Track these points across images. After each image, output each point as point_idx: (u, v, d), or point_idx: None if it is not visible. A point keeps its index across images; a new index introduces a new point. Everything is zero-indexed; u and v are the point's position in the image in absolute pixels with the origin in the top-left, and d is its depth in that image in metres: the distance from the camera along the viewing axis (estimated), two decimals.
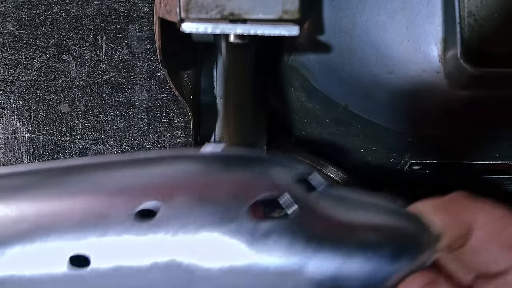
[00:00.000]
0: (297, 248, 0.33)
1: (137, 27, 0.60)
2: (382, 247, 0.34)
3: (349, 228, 0.34)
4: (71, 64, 0.60)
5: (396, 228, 0.35)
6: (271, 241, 0.33)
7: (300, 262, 0.33)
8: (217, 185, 0.34)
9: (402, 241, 0.35)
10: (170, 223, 0.33)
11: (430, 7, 0.42)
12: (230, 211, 0.33)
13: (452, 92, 0.42)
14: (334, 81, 0.47)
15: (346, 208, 0.35)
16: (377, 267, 0.34)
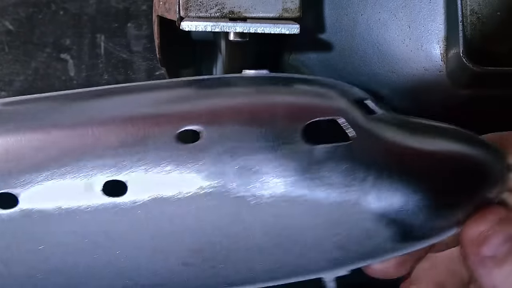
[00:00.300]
0: (356, 177, 0.30)
1: (135, 26, 0.60)
2: (452, 178, 0.31)
3: (415, 155, 0.31)
4: (69, 63, 0.60)
5: (467, 157, 0.32)
6: (327, 169, 0.30)
7: (359, 193, 0.30)
8: (268, 106, 0.31)
9: (474, 172, 0.31)
10: (215, 146, 0.30)
11: (432, 5, 0.42)
12: (283, 133, 0.30)
13: (454, 90, 0.42)
14: None
15: (411, 133, 0.32)
16: (444, 200, 0.31)
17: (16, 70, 0.59)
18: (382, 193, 0.30)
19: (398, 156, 0.31)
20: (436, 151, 0.31)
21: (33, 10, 0.60)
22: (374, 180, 0.30)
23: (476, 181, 0.31)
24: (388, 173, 0.30)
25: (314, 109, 0.31)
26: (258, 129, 0.30)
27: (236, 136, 0.30)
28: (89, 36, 0.60)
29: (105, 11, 0.60)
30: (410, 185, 0.30)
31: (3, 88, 0.59)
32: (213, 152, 0.30)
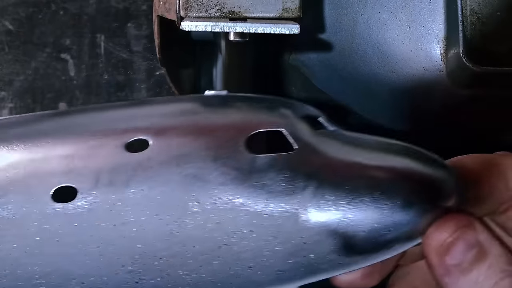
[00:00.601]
0: (297, 186, 0.30)
1: (135, 26, 0.60)
2: (393, 190, 0.30)
3: (357, 168, 0.31)
4: (69, 63, 0.60)
5: (412, 171, 0.31)
6: (269, 177, 0.30)
7: (300, 202, 0.30)
8: (214, 119, 0.32)
9: (418, 185, 0.31)
10: (161, 154, 0.31)
11: (432, 5, 0.42)
12: (226, 143, 0.31)
13: (454, 90, 0.42)
14: (335, 80, 0.47)
15: (356, 149, 0.32)
16: (388, 213, 0.30)
17: (16, 70, 0.59)
18: (322, 204, 0.30)
19: (339, 169, 0.31)
20: (380, 166, 0.31)
21: (33, 10, 0.60)
22: (314, 190, 0.30)
23: (421, 194, 0.31)
24: (329, 184, 0.30)
25: (258, 121, 0.32)
26: (202, 139, 0.31)
27: (181, 146, 0.31)
28: (89, 36, 0.60)
29: (105, 11, 0.60)
30: (351, 197, 0.30)
31: (3, 88, 0.59)
32: (159, 160, 0.31)
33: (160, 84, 0.59)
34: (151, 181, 0.31)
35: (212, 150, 0.31)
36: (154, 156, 0.31)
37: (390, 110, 0.46)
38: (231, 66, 0.51)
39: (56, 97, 0.59)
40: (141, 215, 0.31)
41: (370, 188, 0.30)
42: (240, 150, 0.31)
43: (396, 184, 0.31)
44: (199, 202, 0.31)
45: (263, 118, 0.33)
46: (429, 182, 0.31)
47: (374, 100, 0.46)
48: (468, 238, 0.30)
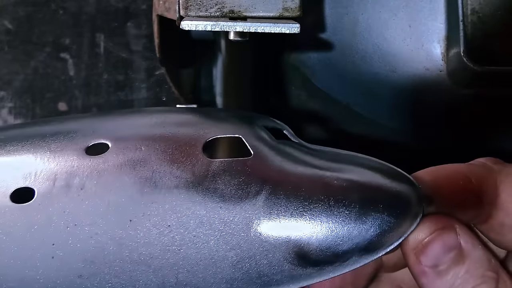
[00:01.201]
0: (250, 191, 0.30)
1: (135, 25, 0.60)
2: (348, 198, 0.29)
3: (312, 176, 0.31)
4: (69, 62, 0.60)
5: (371, 181, 0.31)
6: (223, 181, 0.30)
7: (251, 208, 0.30)
8: (175, 125, 0.33)
9: (375, 194, 0.30)
10: (118, 158, 0.31)
11: (433, 4, 0.42)
12: (182, 147, 0.31)
13: (455, 90, 0.42)
14: (335, 80, 0.47)
15: (315, 158, 0.32)
16: (342, 222, 0.29)
17: (15, 69, 0.59)
18: (275, 210, 0.30)
19: (294, 176, 0.31)
20: (337, 175, 0.31)
21: (32, 10, 0.60)
22: (267, 196, 0.30)
23: (377, 204, 0.30)
24: (283, 191, 0.30)
25: (217, 128, 0.33)
26: (160, 143, 0.32)
27: (139, 149, 0.31)
28: (88, 36, 0.60)
29: (104, 10, 0.60)
30: (303, 206, 0.30)
31: (3, 88, 0.59)
32: (115, 163, 0.31)
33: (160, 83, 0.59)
34: (105, 184, 0.31)
35: (168, 153, 0.31)
36: (111, 159, 0.31)
37: (391, 110, 0.46)
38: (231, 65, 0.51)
39: (56, 97, 0.59)
40: (93, 217, 0.30)
41: (324, 195, 0.30)
42: (196, 154, 0.31)
43: (352, 192, 0.30)
44: (151, 204, 0.30)
45: (223, 125, 0.33)
46: (388, 192, 0.30)
47: (375, 100, 0.46)
48: (447, 240, 0.30)
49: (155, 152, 0.31)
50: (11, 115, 0.59)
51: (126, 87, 0.59)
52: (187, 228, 0.30)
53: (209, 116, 0.34)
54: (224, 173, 0.31)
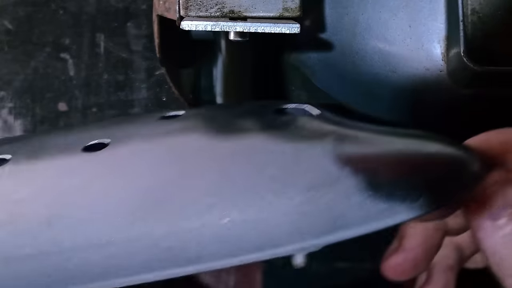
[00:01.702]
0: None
1: (135, 25, 0.60)
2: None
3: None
4: (69, 63, 0.60)
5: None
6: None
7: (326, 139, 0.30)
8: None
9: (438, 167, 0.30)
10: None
11: (433, 4, 0.42)
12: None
13: (455, 90, 0.42)
14: (335, 80, 0.47)
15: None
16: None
17: (15, 69, 0.59)
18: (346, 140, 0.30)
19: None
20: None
21: (32, 9, 0.60)
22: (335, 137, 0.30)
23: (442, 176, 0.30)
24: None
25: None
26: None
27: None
28: (88, 36, 0.60)
29: (105, 10, 0.60)
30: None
31: (3, 88, 0.59)
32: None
33: (160, 83, 0.59)
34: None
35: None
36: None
37: (391, 110, 0.46)
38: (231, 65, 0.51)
39: (56, 97, 0.59)
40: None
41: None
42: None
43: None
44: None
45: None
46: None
47: (375, 100, 0.46)
48: (507, 194, 0.29)
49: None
50: (11, 115, 0.59)
51: (126, 87, 0.59)
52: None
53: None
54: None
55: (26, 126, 0.59)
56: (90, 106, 0.59)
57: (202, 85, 0.58)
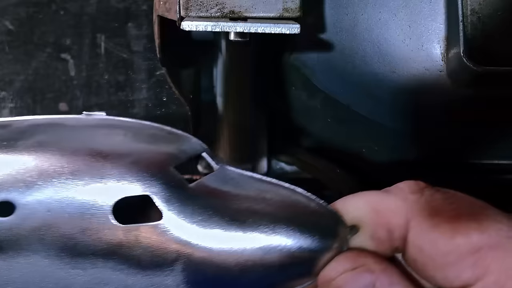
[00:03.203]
0: (166, 258, 0.29)
1: (136, 26, 0.60)
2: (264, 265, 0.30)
3: (224, 250, 0.30)
4: (69, 63, 0.60)
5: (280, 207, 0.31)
6: (138, 251, 0.29)
7: (170, 277, 0.29)
8: (79, 179, 0.30)
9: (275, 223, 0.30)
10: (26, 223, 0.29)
11: (432, 4, 0.42)
12: (93, 209, 0.29)
13: (455, 90, 0.42)
14: (335, 80, 0.47)
15: (231, 204, 0.31)
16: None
17: (16, 70, 0.59)
18: (191, 278, 0.30)
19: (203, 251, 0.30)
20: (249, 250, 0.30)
21: (33, 10, 0.60)
22: (184, 267, 0.30)
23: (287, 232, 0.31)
24: (197, 260, 0.30)
25: (122, 185, 0.30)
26: (67, 208, 0.30)
27: (47, 215, 0.29)
28: (89, 36, 0.60)
29: (105, 11, 0.60)
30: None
31: (4, 88, 0.59)
32: (25, 229, 0.29)
33: (160, 84, 0.59)
34: (17, 252, 0.29)
35: (77, 219, 0.29)
36: (19, 224, 0.29)
37: (391, 110, 0.46)
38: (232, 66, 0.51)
39: (56, 97, 0.59)
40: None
41: (238, 268, 0.30)
42: (106, 219, 0.29)
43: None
44: (72, 271, 0.29)
45: (130, 177, 0.30)
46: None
47: (375, 100, 0.46)
48: (359, 281, 0.30)
49: (63, 219, 0.29)
50: (12, 115, 0.59)
51: (127, 87, 0.59)
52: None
53: (113, 161, 0.30)
54: (137, 241, 0.29)
55: None
56: (91, 106, 0.59)
57: (202, 85, 0.58)
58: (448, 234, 0.30)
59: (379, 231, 0.31)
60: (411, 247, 0.31)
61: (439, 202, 0.31)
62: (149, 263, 0.30)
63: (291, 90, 0.52)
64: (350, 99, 0.47)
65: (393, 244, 0.31)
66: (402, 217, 0.31)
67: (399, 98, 0.44)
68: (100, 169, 0.30)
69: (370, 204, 0.32)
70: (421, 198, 0.32)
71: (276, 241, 0.30)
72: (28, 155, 0.31)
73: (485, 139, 0.49)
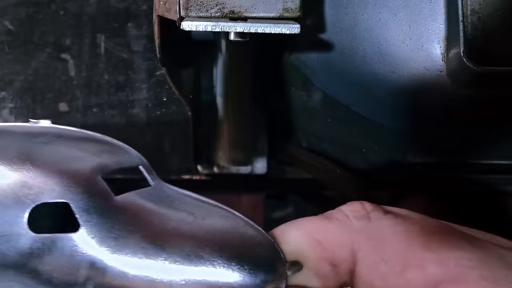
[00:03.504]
0: (78, 278, 0.27)
1: (136, 26, 0.60)
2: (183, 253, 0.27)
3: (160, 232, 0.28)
4: (69, 63, 0.60)
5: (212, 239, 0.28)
6: (47, 264, 0.27)
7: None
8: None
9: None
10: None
11: (432, 4, 0.42)
12: (5, 218, 0.27)
13: (455, 90, 0.42)
14: (335, 80, 0.47)
15: (168, 211, 0.29)
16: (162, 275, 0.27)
17: (16, 70, 0.59)
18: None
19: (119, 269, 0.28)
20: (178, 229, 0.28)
21: (33, 10, 0.60)
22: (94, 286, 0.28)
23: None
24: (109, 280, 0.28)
25: (40, 189, 0.28)
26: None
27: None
28: (89, 36, 0.60)
29: (105, 11, 0.60)
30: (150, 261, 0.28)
31: (3, 88, 0.59)
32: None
33: (160, 84, 0.59)
34: None
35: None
36: None
37: (391, 110, 0.46)
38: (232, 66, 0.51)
39: (56, 97, 0.59)
40: None
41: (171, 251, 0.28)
42: (20, 225, 0.27)
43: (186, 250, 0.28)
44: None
45: (49, 183, 0.28)
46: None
47: (375, 100, 0.46)
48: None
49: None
50: (12, 116, 0.59)
51: (127, 87, 0.59)
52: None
53: (38, 163, 0.29)
54: (50, 253, 0.27)
55: None
56: (91, 107, 0.59)
57: (202, 85, 0.58)
58: (398, 268, 0.26)
59: (323, 266, 0.28)
60: (361, 282, 0.28)
61: (388, 229, 0.28)
62: (61, 281, 0.28)
63: (291, 90, 0.52)
64: (350, 99, 0.47)
65: (340, 279, 0.29)
66: (348, 248, 0.28)
67: (399, 98, 0.44)
68: (23, 171, 0.28)
69: (312, 235, 0.29)
70: (367, 224, 0.29)
71: (199, 272, 0.28)
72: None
73: (485, 139, 0.49)
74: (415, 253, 0.27)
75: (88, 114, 0.59)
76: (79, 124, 0.59)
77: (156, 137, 0.59)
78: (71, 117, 0.59)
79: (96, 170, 0.29)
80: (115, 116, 0.59)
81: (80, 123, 0.59)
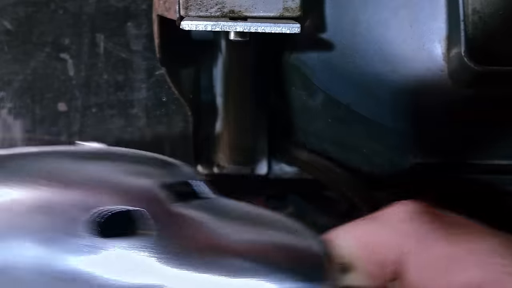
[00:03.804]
0: (153, 273, 0.27)
1: (135, 25, 0.60)
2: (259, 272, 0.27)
3: (222, 248, 0.28)
4: (68, 63, 0.60)
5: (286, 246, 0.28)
6: (117, 264, 0.27)
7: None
8: (54, 188, 0.28)
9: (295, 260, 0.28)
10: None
11: (433, 4, 0.42)
12: (63, 224, 0.27)
13: (456, 90, 0.42)
14: (336, 80, 0.46)
15: (225, 223, 0.29)
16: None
17: (15, 69, 0.59)
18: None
19: (204, 249, 0.28)
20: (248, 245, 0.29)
21: (32, 10, 0.60)
22: (173, 276, 0.27)
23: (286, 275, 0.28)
24: (189, 267, 0.28)
25: (102, 196, 0.27)
26: (38, 217, 0.27)
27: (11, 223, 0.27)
28: (88, 36, 0.60)
29: (104, 10, 0.60)
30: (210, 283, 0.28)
31: (2, 88, 0.59)
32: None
33: (160, 83, 0.59)
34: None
35: (48, 231, 0.27)
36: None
37: (391, 110, 0.46)
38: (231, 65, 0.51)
39: (55, 97, 0.59)
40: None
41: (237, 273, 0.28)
42: (79, 234, 0.26)
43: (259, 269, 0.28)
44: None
45: (111, 190, 0.28)
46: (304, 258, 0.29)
47: (375, 100, 0.46)
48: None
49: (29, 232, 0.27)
50: (11, 116, 0.58)
51: (126, 87, 0.59)
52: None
53: (101, 170, 0.29)
54: (124, 260, 0.27)
55: (25, 126, 0.59)
56: (90, 106, 0.59)
57: (202, 85, 0.58)
58: (444, 271, 0.28)
59: (373, 268, 0.30)
60: (407, 284, 0.30)
61: (432, 233, 0.30)
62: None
63: (291, 89, 0.52)
64: (351, 99, 0.47)
65: (386, 278, 0.30)
66: (396, 251, 0.30)
67: (400, 98, 0.44)
68: (83, 189, 0.28)
69: (362, 238, 0.31)
70: (411, 227, 0.30)
71: (254, 285, 0.28)
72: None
73: (487, 139, 0.49)
74: (459, 256, 0.29)
75: (87, 114, 0.59)
76: (78, 124, 0.59)
77: (156, 137, 0.58)
78: (70, 117, 0.59)
79: (156, 184, 0.29)
80: (114, 116, 0.59)
81: (79, 123, 0.59)
